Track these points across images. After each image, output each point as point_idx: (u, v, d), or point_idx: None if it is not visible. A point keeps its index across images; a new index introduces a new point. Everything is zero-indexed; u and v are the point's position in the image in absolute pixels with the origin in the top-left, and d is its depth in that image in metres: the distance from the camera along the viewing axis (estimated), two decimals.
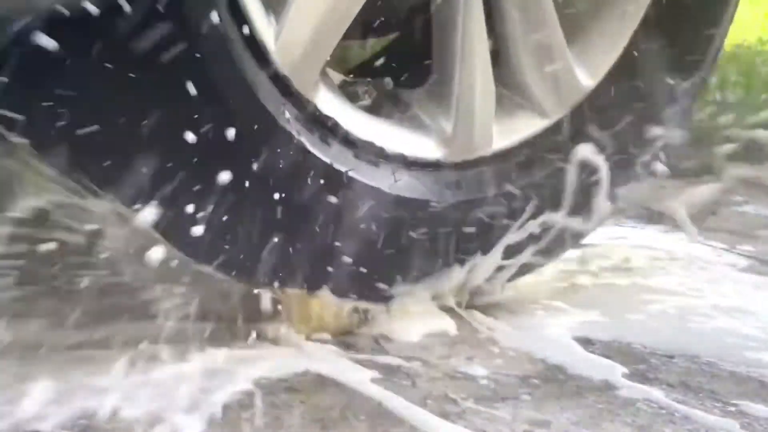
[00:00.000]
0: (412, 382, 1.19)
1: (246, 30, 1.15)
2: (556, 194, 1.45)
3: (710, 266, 1.77)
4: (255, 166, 1.16)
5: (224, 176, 1.14)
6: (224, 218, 1.16)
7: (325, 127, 1.26)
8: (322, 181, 1.23)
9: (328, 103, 1.27)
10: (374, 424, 1.07)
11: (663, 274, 1.70)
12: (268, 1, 1.18)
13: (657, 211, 2.19)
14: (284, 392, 1.14)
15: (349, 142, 1.28)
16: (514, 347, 1.33)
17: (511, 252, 1.42)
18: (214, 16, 1.09)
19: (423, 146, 1.36)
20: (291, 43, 1.19)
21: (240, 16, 1.15)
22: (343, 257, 1.26)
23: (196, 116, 1.11)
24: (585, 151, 1.47)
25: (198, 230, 1.14)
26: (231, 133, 1.14)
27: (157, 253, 1.12)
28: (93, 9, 1.00)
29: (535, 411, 1.14)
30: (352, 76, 1.44)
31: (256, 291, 1.23)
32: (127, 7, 1.02)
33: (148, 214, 1.10)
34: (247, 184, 1.16)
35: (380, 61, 1.56)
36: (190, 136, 1.11)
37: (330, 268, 1.26)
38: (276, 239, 1.21)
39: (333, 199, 1.24)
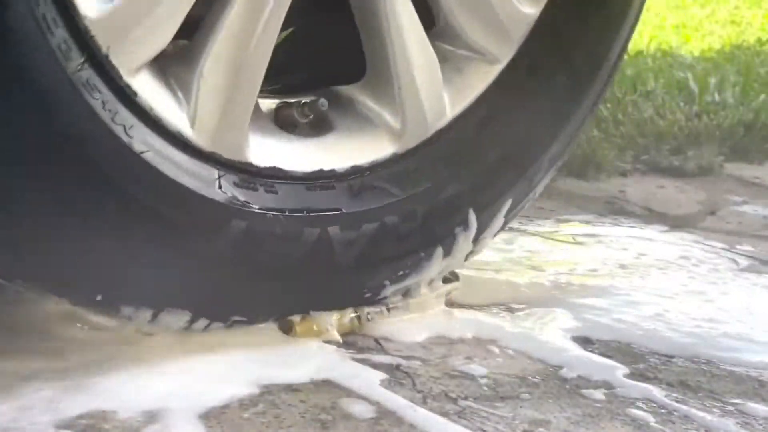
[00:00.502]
0: (411, 381, 1.19)
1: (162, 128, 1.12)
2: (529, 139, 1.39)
3: (710, 266, 1.77)
4: (215, 251, 1.16)
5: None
6: None
7: (268, 177, 1.21)
8: (281, 234, 1.20)
9: (264, 153, 1.22)
10: (374, 424, 1.07)
11: (662, 273, 1.70)
12: (174, 80, 1.14)
13: (657, 211, 2.19)
14: (284, 392, 1.14)
15: (297, 178, 1.24)
16: (513, 347, 1.33)
17: (488, 219, 1.39)
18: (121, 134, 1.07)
19: (375, 148, 1.31)
20: (209, 119, 1.14)
21: (150, 119, 1.11)
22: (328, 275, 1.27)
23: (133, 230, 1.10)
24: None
25: None
26: (179, 229, 1.13)
27: None
28: None
29: (535, 410, 1.14)
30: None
31: None
32: None
33: None
34: (215, 269, 1.17)
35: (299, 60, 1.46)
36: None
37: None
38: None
39: (302, 243, 1.22)
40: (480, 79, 1.37)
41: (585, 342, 1.37)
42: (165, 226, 1.12)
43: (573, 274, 1.66)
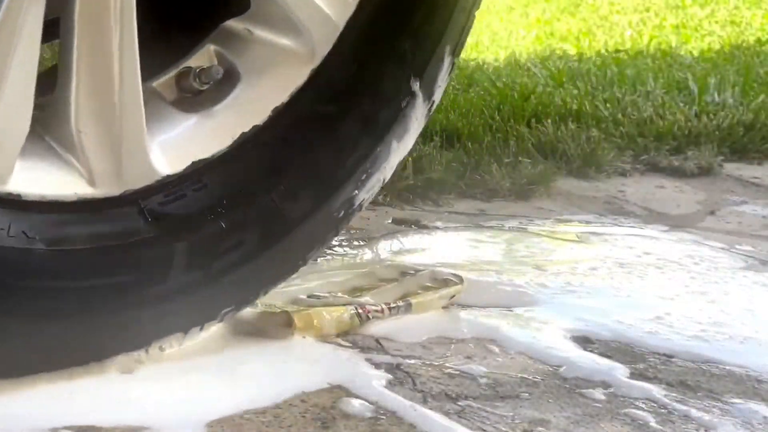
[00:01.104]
0: (412, 381, 1.19)
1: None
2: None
3: (710, 266, 1.77)
4: (171, 285, 1.11)
5: None
6: None
7: (192, 177, 1.13)
8: (229, 227, 1.14)
9: (177, 154, 1.12)
10: (374, 424, 1.08)
11: (660, 273, 1.70)
12: (55, 142, 1.05)
13: (656, 211, 2.19)
14: None
15: (223, 159, 1.15)
16: (513, 347, 1.33)
17: (434, 73, 1.28)
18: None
19: (291, 78, 1.18)
20: (106, 165, 1.06)
21: (47, 206, 1.03)
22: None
23: None
24: None
25: None
26: (128, 289, 1.09)
27: None
28: None
29: (535, 410, 1.14)
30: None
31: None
32: None
33: None
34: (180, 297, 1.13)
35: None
36: None
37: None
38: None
39: (253, 227, 1.17)
40: None
41: (585, 342, 1.37)
42: (112, 296, 1.07)
43: (575, 273, 1.66)
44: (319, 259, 1.61)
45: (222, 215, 1.14)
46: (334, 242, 1.72)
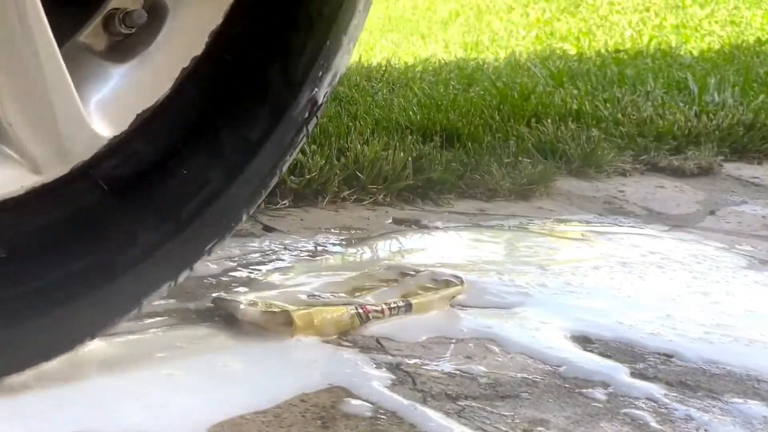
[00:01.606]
0: (412, 381, 1.19)
1: None
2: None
3: (709, 266, 1.77)
4: (141, 248, 1.07)
5: None
6: None
7: (140, 128, 1.07)
8: (193, 176, 1.10)
9: (118, 114, 1.06)
10: (374, 424, 1.08)
11: (661, 273, 1.70)
12: None
13: (656, 211, 2.19)
14: None
15: (169, 101, 1.08)
16: (513, 346, 1.33)
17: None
18: None
19: (217, 3, 1.11)
20: (49, 148, 1.01)
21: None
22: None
23: None
24: None
25: None
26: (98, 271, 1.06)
27: None
28: None
29: (535, 410, 1.14)
30: None
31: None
32: None
33: None
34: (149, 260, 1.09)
35: None
36: None
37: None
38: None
39: (221, 165, 1.12)
40: None
41: (585, 341, 1.37)
42: (89, 275, 1.04)
43: (575, 273, 1.66)
44: (318, 259, 1.62)
45: (181, 161, 1.10)
46: (334, 242, 1.73)
